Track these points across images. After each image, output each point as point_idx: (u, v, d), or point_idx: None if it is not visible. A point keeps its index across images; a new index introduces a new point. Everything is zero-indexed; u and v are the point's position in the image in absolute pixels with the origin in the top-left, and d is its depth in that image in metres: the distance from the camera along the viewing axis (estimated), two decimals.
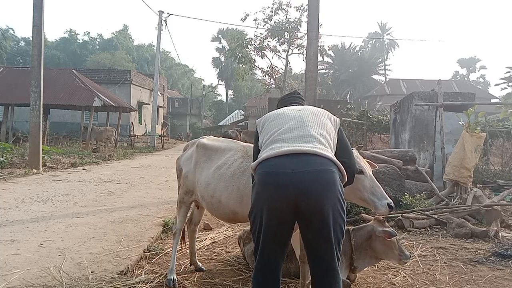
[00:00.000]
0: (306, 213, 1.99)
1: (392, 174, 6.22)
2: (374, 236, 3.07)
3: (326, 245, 2.00)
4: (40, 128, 10.17)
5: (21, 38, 55.15)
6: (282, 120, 2.34)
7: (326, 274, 2.03)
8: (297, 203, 1.97)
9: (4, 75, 21.06)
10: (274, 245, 2.09)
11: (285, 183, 1.98)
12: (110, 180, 8.76)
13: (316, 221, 1.98)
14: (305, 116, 2.33)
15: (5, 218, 4.96)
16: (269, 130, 2.33)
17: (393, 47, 58.01)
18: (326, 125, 2.32)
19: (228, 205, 2.86)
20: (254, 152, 2.45)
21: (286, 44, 27.27)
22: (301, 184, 1.96)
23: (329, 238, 1.99)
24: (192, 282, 3.27)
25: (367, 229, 3.14)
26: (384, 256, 3.17)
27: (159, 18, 23.23)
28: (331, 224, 1.97)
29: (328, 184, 1.98)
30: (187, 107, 47.17)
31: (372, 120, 15.99)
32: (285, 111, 2.44)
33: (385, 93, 41.08)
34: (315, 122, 2.30)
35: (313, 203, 1.96)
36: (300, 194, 1.96)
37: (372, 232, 3.09)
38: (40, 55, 10.10)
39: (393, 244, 3.02)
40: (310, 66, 8.13)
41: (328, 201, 1.96)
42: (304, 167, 1.99)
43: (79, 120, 20.50)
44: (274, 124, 2.34)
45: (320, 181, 1.97)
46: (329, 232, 1.98)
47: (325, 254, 2.01)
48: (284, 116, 2.37)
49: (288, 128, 2.25)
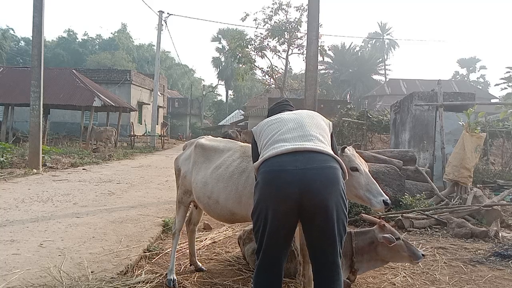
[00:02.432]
0: (310, 209, 2.00)
1: (392, 174, 6.22)
2: (376, 241, 3.09)
3: (329, 241, 2.02)
4: (40, 128, 10.16)
5: (21, 38, 55.19)
6: (279, 124, 2.36)
7: (329, 269, 2.05)
8: (302, 200, 1.98)
9: (4, 75, 21.04)
10: (277, 244, 2.09)
11: (290, 180, 1.98)
12: (110, 180, 8.76)
13: (320, 217, 1.99)
14: (302, 118, 2.36)
15: (5, 218, 4.96)
16: (268, 133, 2.34)
17: (393, 47, 58.05)
18: (322, 126, 2.36)
19: (226, 205, 2.84)
20: (254, 156, 2.46)
21: (286, 44, 27.31)
22: (305, 181, 1.97)
23: (333, 234, 2.01)
24: (192, 282, 3.27)
25: (369, 235, 3.17)
26: (392, 260, 3.20)
27: (159, 18, 23.22)
28: (335, 220, 1.99)
29: (331, 181, 2.01)
30: (187, 107, 47.15)
31: (372, 120, 15.99)
32: (281, 115, 2.48)
33: (385, 93, 41.10)
34: (312, 123, 2.34)
35: (317, 200, 1.97)
36: (304, 191, 1.97)
37: (374, 238, 3.11)
38: (40, 55, 10.09)
39: (400, 247, 3.02)
40: (310, 66, 8.13)
41: (332, 197, 1.98)
42: (308, 164, 2.02)
43: (79, 120, 20.51)
44: (272, 128, 2.36)
45: (324, 177, 2.00)
46: (333, 228, 2.00)
47: (328, 249, 2.03)
48: (281, 120, 2.41)
49: (287, 129, 2.28)
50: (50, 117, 21.75)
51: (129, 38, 61.29)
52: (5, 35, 48.08)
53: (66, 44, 55.38)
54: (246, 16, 26.18)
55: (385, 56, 56.18)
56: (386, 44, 57.27)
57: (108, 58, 47.52)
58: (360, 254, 3.12)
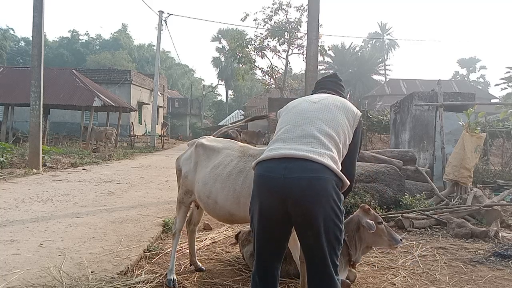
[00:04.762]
0: (297, 219, 1.98)
1: (392, 174, 6.22)
2: (361, 227, 3.00)
3: (318, 253, 1.98)
4: (40, 128, 10.16)
5: (21, 38, 55.17)
6: (292, 116, 2.29)
7: (321, 280, 2.02)
8: (288, 208, 1.96)
9: (4, 75, 21.03)
10: (269, 245, 2.10)
11: (276, 188, 1.97)
12: (110, 180, 8.75)
13: (307, 229, 1.97)
14: (317, 112, 2.23)
15: (5, 218, 4.95)
16: (280, 125, 2.33)
17: (393, 47, 58.06)
18: (338, 123, 2.19)
19: (224, 206, 2.82)
20: None
21: (286, 44, 27.32)
22: (291, 190, 1.93)
23: (322, 246, 1.95)
24: (192, 282, 3.27)
25: (355, 221, 3.06)
26: (374, 244, 3.12)
27: (159, 18, 23.22)
28: (322, 233, 1.93)
29: (319, 193, 1.93)
30: (187, 107, 47.12)
31: (372, 120, 16.00)
32: (301, 103, 2.37)
33: (385, 93, 41.09)
34: (324, 118, 2.19)
35: (303, 212, 1.94)
36: (290, 201, 1.94)
37: (359, 224, 3.02)
38: (40, 55, 10.09)
39: (381, 231, 2.97)
40: (310, 66, 8.12)
41: (319, 209, 1.91)
42: (295, 173, 1.95)
43: (79, 120, 20.49)
44: (285, 119, 2.32)
45: (312, 189, 1.92)
46: (321, 241, 1.94)
47: (319, 260, 1.99)
48: (296, 110, 2.32)
49: (293, 125, 2.21)
50: (50, 117, 21.75)
51: (129, 38, 61.30)
52: (5, 35, 48.08)
53: (68, 44, 55.45)
54: (246, 16, 26.24)
55: (385, 56, 56.20)
56: (386, 44, 57.28)
57: (108, 58, 47.49)
58: (353, 245, 3.03)
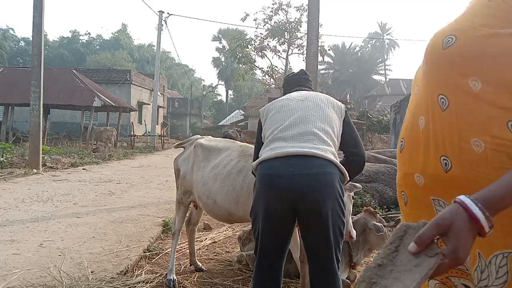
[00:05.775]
0: (305, 215, 1.99)
1: (392, 174, 6.22)
2: (367, 229, 3.00)
3: (325, 247, 1.99)
4: (40, 128, 10.16)
5: (21, 38, 55.17)
6: (284, 114, 2.26)
7: (325, 276, 2.03)
8: (296, 206, 1.96)
9: (4, 75, 21.04)
10: (273, 246, 2.09)
11: (284, 185, 1.96)
12: (110, 180, 8.76)
13: (315, 223, 1.98)
14: (308, 110, 2.24)
15: (5, 218, 4.96)
16: (271, 124, 2.27)
17: (393, 47, 58.11)
18: (330, 118, 2.23)
19: (223, 206, 2.82)
20: (257, 142, 2.38)
21: (286, 44, 27.30)
22: (299, 187, 1.94)
23: (329, 241, 1.98)
24: (192, 282, 3.27)
25: (361, 223, 3.05)
26: (377, 247, 3.11)
27: (159, 18, 23.23)
28: (330, 226, 1.96)
29: (326, 187, 1.96)
30: (187, 107, 47.14)
31: (372, 120, 16.02)
32: (289, 102, 2.34)
33: (385, 93, 41.15)
34: (318, 115, 2.21)
35: (311, 206, 1.95)
36: (299, 197, 1.95)
37: (365, 226, 3.02)
38: (40, 55, 10.09)
39: (385, 235, 2.98)
40: (310, 66, 8.12)
41: (327, 203, 1.94)
42: (303, 170, 1.97)
43: (79, 120, 20.51)
44: (276, 118, 2.27)
45: (319, 183, 1.96)
46: (328, 235, 1.97)
47: (324, 256, 2.01)
48: (286, 109, 2.29)
49: (289, 124, 2.19)
50: (50, 117, 21.77)
51: (129, 38, 61.31)
52: (5, 35, 48.06)
53: (69, 44, 55.47)
54: (246, 16, 26.18)
55: (385, 56, 56.26)
56: (386, 44, 57.32)
57: (108, 58, 47.49)
58: (356, 246, 3.03)
